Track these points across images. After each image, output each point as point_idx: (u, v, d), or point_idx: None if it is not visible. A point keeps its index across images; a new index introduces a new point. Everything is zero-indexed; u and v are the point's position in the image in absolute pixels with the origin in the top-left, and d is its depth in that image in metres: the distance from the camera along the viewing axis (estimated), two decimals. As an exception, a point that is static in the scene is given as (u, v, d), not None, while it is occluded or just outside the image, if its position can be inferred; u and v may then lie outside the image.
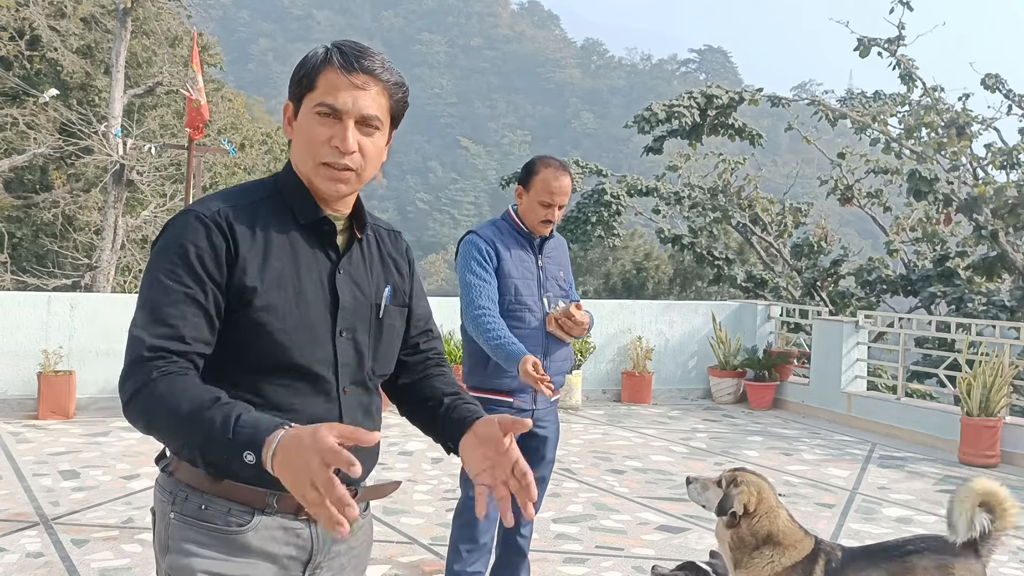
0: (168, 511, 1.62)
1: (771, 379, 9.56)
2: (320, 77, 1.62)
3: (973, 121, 13.55)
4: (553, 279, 3.63)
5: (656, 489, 6.00)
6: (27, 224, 17.74)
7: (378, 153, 1.68)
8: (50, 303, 8.02)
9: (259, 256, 1.60)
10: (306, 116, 1.64)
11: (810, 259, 15.29)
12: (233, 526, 1.59)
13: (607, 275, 28.28)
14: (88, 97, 17.41)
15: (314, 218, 1.67)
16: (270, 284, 1.59)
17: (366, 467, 1.68)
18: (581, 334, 3.61)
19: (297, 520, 1.64)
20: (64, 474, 5.85)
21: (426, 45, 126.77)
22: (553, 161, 3.59)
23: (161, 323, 1.53)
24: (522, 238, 3.60)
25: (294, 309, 1.60)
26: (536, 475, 3.62)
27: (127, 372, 1.52)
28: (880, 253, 14.93)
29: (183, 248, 1.56)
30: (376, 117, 1.64)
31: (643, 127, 15.37)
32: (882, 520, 5.48)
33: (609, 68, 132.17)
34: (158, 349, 1.51)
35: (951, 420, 7.69)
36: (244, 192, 1.69)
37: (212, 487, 1.58)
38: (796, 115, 15.65)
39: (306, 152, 1.64)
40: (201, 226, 1.58)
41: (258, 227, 1.63)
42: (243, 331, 1.58)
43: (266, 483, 1.52)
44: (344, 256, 1.70)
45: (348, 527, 1.29)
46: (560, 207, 3.55)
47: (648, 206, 16.95)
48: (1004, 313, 11.11)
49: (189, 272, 1.55)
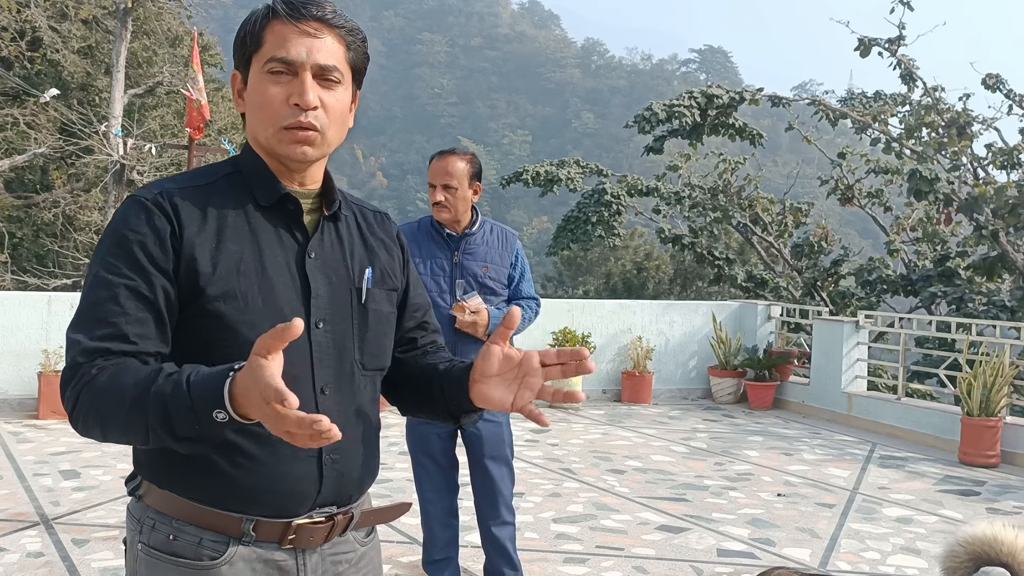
0: (136, 541, 1.45)
1: (771, 379, 9.56)
2: (266, 31, 1.44)
3: (974, 121, 13.53)
4: (471, 276, 3.59)
5: (656, 489, 6.00)
6: (28, 224, 17.73)
7: (343, 111, 1.49)
8: (50, 303, 8.03)
9: (211, 239, 1.41)
10: (256, 78, 1.45)
11: (810, 259, 15.28)
12: (205, 559, 1.41)
13: (607, 275, 28.26)
14: (89, 97, 17.40)
15: (275, 197, 1.47)
16: (227, 269, 1.40)
17: (365, 482, 1.55)
18: (475, 332, 3.52)
19: (280, 550, 1.45)
20: (64, 474, 5.86)
21: (426, 45, 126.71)
22: (445, 150, 3.64)
23: (100, 322, 1.35)
24: (438, 236, 3.61)
25: (257, 296, 1.41)
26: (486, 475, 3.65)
27: (64, 380, 1.34)
28: (880, 253, 14.92)
29: (122, 237, 1.38)
30: (335, 68, 1.45)
31: (643, 127, 15.36)
32: (882, 520, 5.48)
33: (609, 68, 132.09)
34: (96, 352, 1.33)
35: (951, 420, 7.69)
36: (197, 174, 1.50)
37: (182, 512, 1.41)
38: (796, 115, 15.64)
39: (263, 119, 1.45)
40: (142, 211, 1.40)
41: (210, 209, 1.43)
42: (199, 327, 1.39)
43: (243, 505, 1.41)
44: (313, 238, 1.50)
45: (330, 431, 1.13)
46: (446, 187, 3.52)
47: (648, 206, 16.95)
48: (1004, 313, 11.10)
49: (129, 262, 1.37)
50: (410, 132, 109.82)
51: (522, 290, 3.73)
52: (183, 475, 1.41)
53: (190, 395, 1.23)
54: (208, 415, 1.22)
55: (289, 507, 1.44)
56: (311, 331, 1.45)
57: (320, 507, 1.47)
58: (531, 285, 3.79)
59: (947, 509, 5.81)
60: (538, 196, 17.97)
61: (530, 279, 3.80)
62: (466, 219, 3.63)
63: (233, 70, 1.51)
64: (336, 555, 1.52)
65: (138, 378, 1.28)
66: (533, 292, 3.79)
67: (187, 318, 1.40)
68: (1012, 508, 5.94)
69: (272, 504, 1.43)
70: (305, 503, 1.45)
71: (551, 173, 16.57)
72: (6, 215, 17.13)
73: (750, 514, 5.47)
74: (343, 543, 1.53)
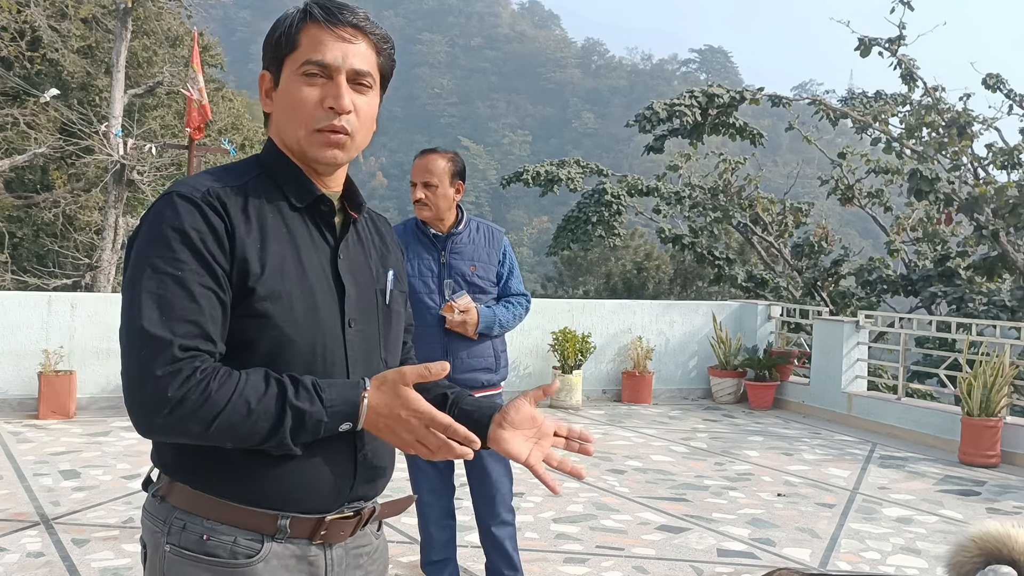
0: (163, 543, 1.43)
1: (771, 379, 9.55)
2: (302, 34, 1.45)
3: (974, 121, 13.52)
4: (459, 275, 3.59)
5: (656, 489, 6.00)
6: (28, 224, 17.73)
7: (372, 115, 1.52)
8: (51, 303, 8.02)
9: (257, 239, 1.42)
10: (290, 80, 1.46)
11: (811, 259, 15.28)
12: (240, 558, 1.40)
13: (608, 275, 28.26)
14: (89, 97, 17.40)
15: (311, 198, 1.49)
16: (272, 270, 1.41)
17: (389, 473, 1.60)
18: (465, 332, 3.53)
19: (312, 546, 1.47)
20: (65, 474, 5.85)
21: (426, 45, 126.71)
22: (427, 149, 3.65)
23: (181, 320, 1.33)
24: (424, 236, 3.62)
25: (300, 297, 1.43)
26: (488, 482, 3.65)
27: (161, 378, 1.29)
28: (881, 253, 14.92)
29: (182, 233, 1.35)
30: (368, 73, 1.48)
31: (644, 126, 15.35)
32: (882, 520, 5.48)
33: (610, 68, 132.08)
34: (191, 351, 1.32)
35: (952, 420, 7.69)
36: (229, 172, 1.49)
37: (215, 512, 1.41)
38: (797, 115, 15.63)
39: (295, 120, 1.46)
40: (195, 208, 1.38)
41: (251, 208, 1.43)
42: (245, 326, 1.40)
43: (281, 503, 1.43)
44: (342, 240, 1.53)
45: (475, 443, 1.38)
46: (426, 185, 3.53)
47: (649, 206, 16.95)
48: (1005, 313, 11.10)
49: (196, 258, 1.35)
50: (410, 132, 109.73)
51: (511, 287, 3.73)
52: (219, 476, 1.42)
53: (327, 411, 1.35)
54: (335, 427, 1.37)
55: (325, 502, 1.47)
56: (345, 330, 1.49)
57: (351, 502, 1.51)
58: (520, 282, 3.79)
59: (947, 509, 5.81)
60: (538, 196, 17.98)
61: (519, 276, 3.79)
62: (450, 218, 3.62)
63: (262, 70, 1.52)
64: (357, 548, 1.56)
65: (262, 389, 1.34)
66: (523, 289, 3.79)
67: (234, 317, 1.40)
68: (1012, 508, 5.94)
69: (309, 500, 1.45)
70: (340, 498, 1.49)
71: (551, 173, 16.57)
72: (6, 215, 17.13)
73: (750, 514, 5.47)
74: (362, 536, 1.57)
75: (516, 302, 3.70)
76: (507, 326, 3.64)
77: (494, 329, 3.58)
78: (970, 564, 2.16)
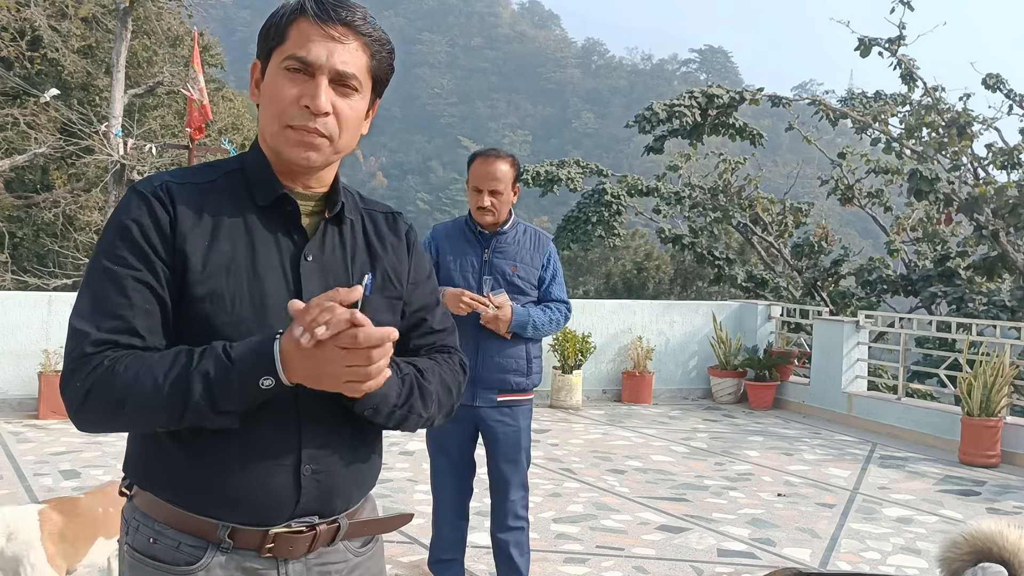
0: (124, 542, 1.45)
1: (772, 379, 9.56)
2: (291, 28, 1.41)
3: (974, 121, 13.52)
4: (500, 273, 3.58)
5: (656, 489, 6.00)
6: (28, 224, 17.73)
7: (356, 119, 1.46)
8: (51, 303, 8.03)
9: (205, 237, 1.38)
10: (273, 72, 1.42)
11: (811, 259, 15.28)
12: (181, 564, 1.38)
13: (608, 275, 28.27)
14: (89, 97, 17.41)
15: (273, 196, 1.43)
16: (216, 268, 1.37)
17: (354, 493, 1.50)
18: (497, 329, 3.51)
19: (259, 559, 1.40)
20: (65, 474, 5.86)
21: (426, 45, 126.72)
22: (488, 151, 3.64)
23: (108, 314, 1.32)
24: (471, 233, 3.63)
25: (246, 299, 1.37)
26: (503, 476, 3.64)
27: (71, 371, 1.31)
28: (881, 253, 14.91)
29: (125, 226, 1.36)
30: (354, 76, 1.42)
31: (644, 127, 15.35)
32: (882, 520, 5.48)
33: (610, 68, 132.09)
34: (106, 344, 1.31)
35: (952, 420, 7.69)
36: (200, 170, 1.47)
37: (163, 515, 1.40)
38: (797, 115, 15.63)
39: (271, 113, 1.42)
40: (143, 201, 1.38)
41: (207, 206, 1.40)
42: (185, 327, 1.36)
43: (219, 511, 1.38)
44: (312, 240, 1.45)
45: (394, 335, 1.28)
46: (492, 192, 3.53)
47: (649, 206, 16.94)
48: (1005, 313, 11.10)
49: (134, 251, 1.35)
50: (410, 132, 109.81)
51: (552, 292, 3.69)
52: (164, 478, 1.41)
53: (236, 367, 1.27)
54: (253, 382, 1.27)
55: (264, 516, 1.41)
56: None
57: (300, 517, 1.43)
58: (562, 289, 3.76)
59: (947, 509, 5.81)
60: (538, 196, 17.96)
61: (562, 283, 3.77)
62: (503, 219, 3.64)
63: (254, 59, 1.49)
64: (324, 565, 1.48)
65: (168, 362, 1.30)
66: (564, 296, 3.75)
67: (177, 316, 1.38)
68: (1012, 508, 5.94)
69: (247, 512, 1.40)
70: (282, 513, 1.42)
71: (551, 173, 16.56)
72: (6, 215, 17.14)
73: (750, 514, 5.47)
74: (332, 553, 1.49)
75: (555, 307, 3.66)
76: (541, 329, 3.59)
77: (527, 330, 3.53)
78: (960, 561, 2.14)
